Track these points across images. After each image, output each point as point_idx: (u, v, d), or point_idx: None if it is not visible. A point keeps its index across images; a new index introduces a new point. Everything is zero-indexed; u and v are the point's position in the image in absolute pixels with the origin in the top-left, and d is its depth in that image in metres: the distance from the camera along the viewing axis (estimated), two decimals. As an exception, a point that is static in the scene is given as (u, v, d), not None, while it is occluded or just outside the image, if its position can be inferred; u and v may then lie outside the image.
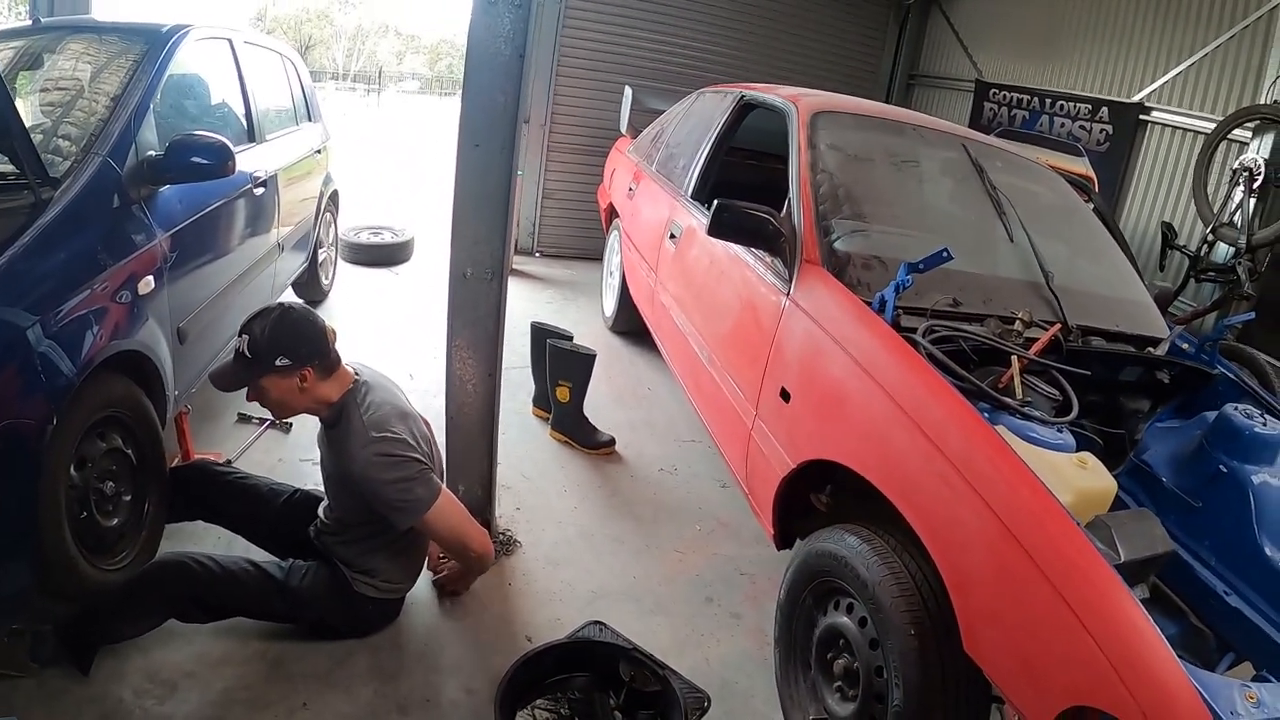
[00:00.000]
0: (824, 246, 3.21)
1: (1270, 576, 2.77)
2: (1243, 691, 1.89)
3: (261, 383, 2.70)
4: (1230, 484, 2.93)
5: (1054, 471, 2.38)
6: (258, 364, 2.67)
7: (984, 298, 3.18)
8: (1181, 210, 6.49)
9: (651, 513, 4.19)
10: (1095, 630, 1.92)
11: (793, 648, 2.98)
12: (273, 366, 2.67)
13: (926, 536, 2.38)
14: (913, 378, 2.58)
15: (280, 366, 2.67)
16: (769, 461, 3.19)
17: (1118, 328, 3.46)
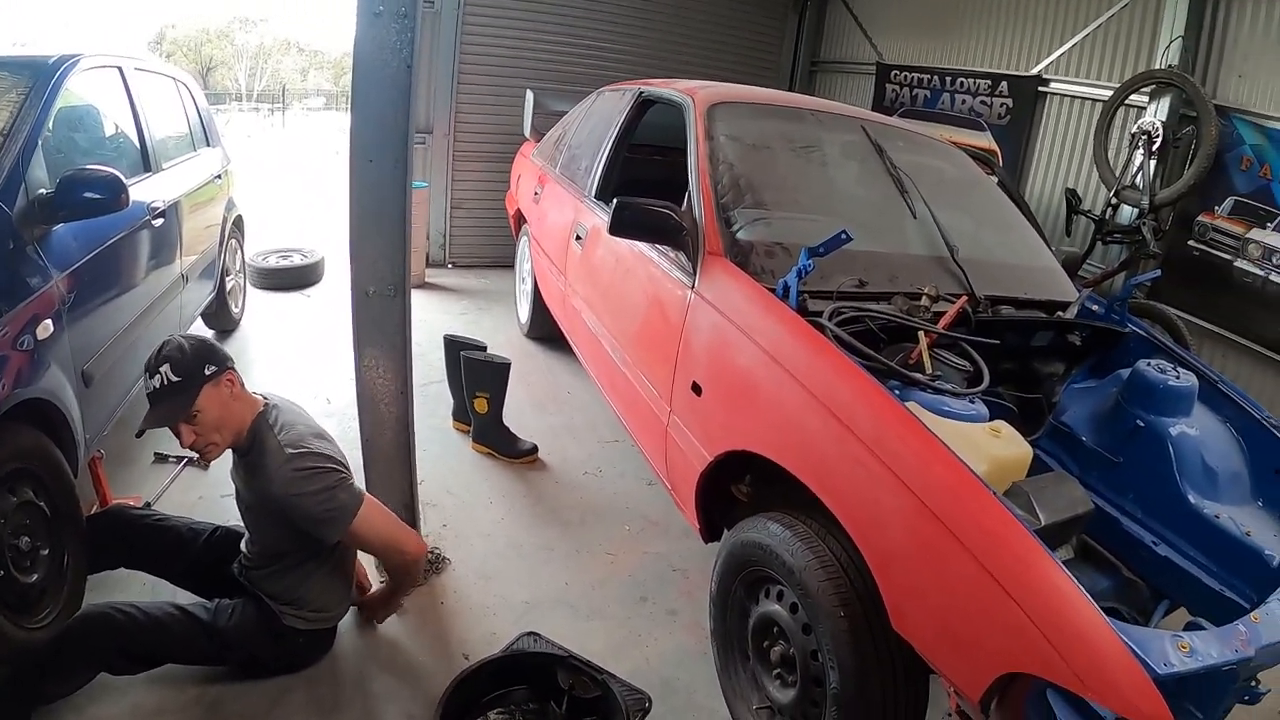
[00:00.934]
0: (726, 237, 3.20)
1: (1195, 523, 2.85)
2: (1175, 642, 1.90)
3: (199, 401, 2.59)
4: (1148, 438, 3.00)
5: (968, 442, 2.39)
6: (189, 381, 2.57)
7: (890, 276, 3.19)
8: (1085, 176, 6.60)
9: (579, 517, 4.18)
10: (1020, 597, 1.93)
11: (729, 639, 3.00)
12: (204, 376, 2.59)
13: (845, 519, 2.39)
14: (819, 361, 2.58)
15: (211, 374, 2.61)
16: (687, 456, 3.18)
17: (1026, 295, 3.51)
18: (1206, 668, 1.90)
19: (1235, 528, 2.79)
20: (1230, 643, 1.99)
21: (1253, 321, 5.49)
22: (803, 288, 2.88)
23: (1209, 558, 2.83)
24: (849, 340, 2.63)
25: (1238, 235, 5.55)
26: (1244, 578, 2.72)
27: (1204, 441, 3.02)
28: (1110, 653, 1.82)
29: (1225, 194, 5.63)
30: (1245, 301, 5.51)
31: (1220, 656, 1.94)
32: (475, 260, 8.42)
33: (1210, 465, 2.97)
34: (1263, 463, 3.08)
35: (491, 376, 4.50)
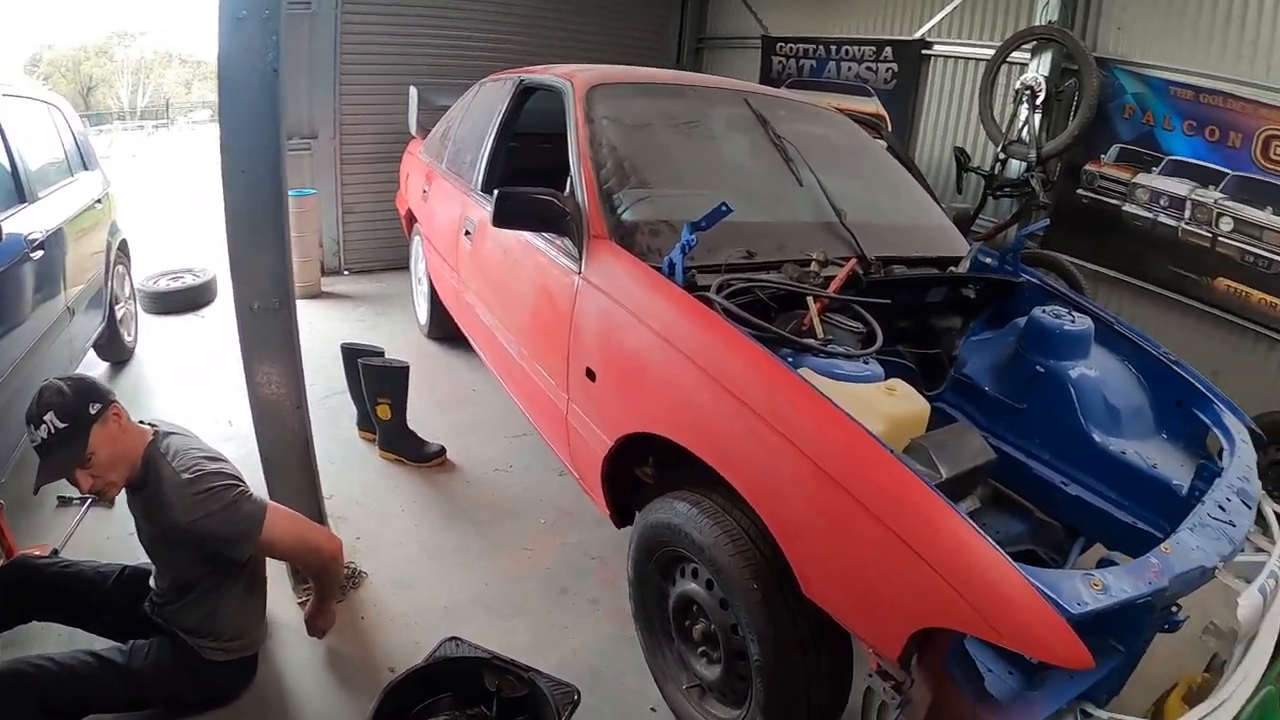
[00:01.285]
0: (610, 219, 3.15)
1: (1102, 460, 2.92)
2: (1087, 581, 1.89)
3: (91, 443, 2.47)
4: (1049, 382, 3.06)
5: (863, 403, 2.37)
6: (76, 425, 2.45)
7: (778, 245, 3.16)
8: (972, 134, 6.71)
9: (492, 515, 4.11)
10: (926, 553, 1.92)
11: (652, 622, 2.99)
12: (91, 416, 2.47)
13: (747, 491, 2.36)
14: (708, 336, 2.55)
15: (97, 413, 2.49)
16: (588, 444, 3.14)
17: (918, 253, 3.52)
18: (1121, 603, 1.90)
19: (1142, 461, 2.85)
20: (1143, 575, 2.00)
21: (1144, 262, 5.69)
22: (689, 263, 2.84)
23: (1119, 493, 2.89)
24: (737, 312, 2.59)
25: (1125, 181, 5.72)
26: (1155, 509, 2.79)
27: (1104, 381, 3.08)
28: (1022, 599, 1.82)
29: (1110, 142, 5.78)
30: (1136, 244, 5.70)
31: (1134, 590, 1.94)
32: (371, 264, 8.23)
33: (1112, 404, 3.03)
34: (1164, 397, 3.15)
35: (391, 381, 4.39)
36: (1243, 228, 5.18)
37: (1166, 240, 5.53)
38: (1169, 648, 3.03)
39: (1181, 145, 5.43)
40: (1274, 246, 5.05)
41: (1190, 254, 5.43)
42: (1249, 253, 5.16)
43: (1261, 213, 5.05)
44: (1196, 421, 3.05)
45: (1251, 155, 5.07)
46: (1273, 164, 4.98)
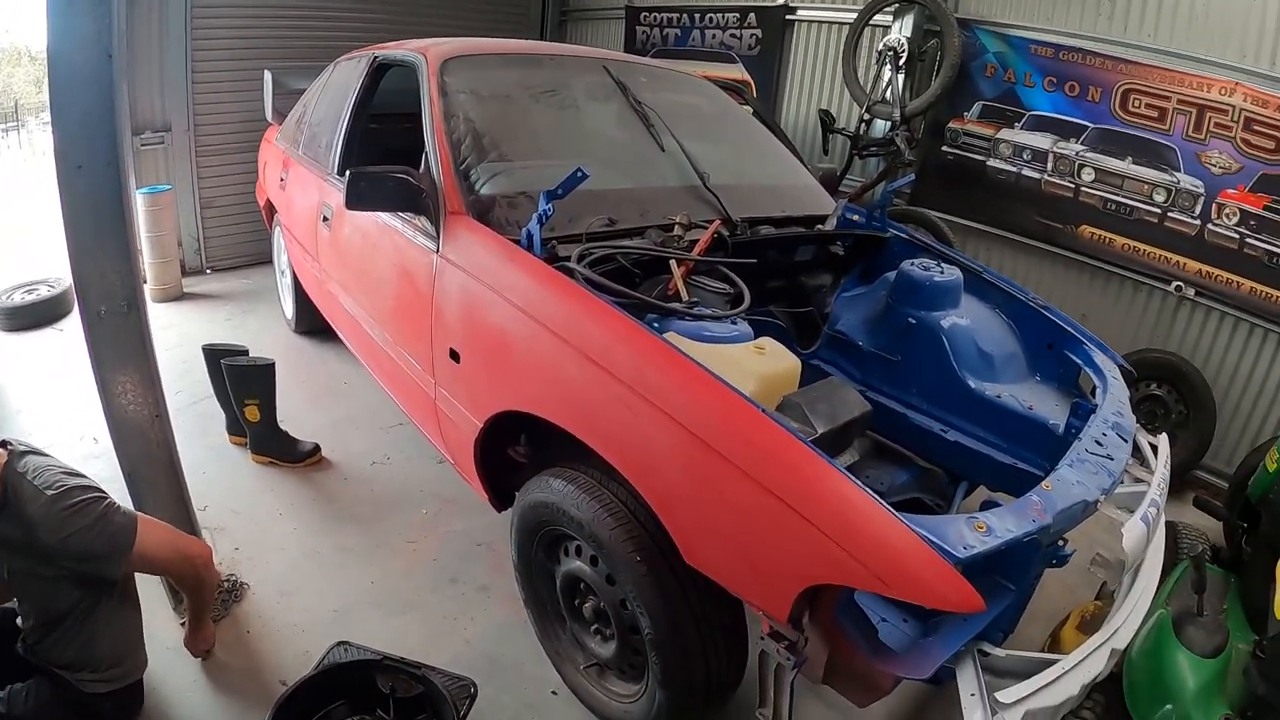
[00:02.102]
0: (466, 194, 3.05)
1: (978, 405, 2.98)
2: (971, 524, 1.89)
3: None
4: (922, 333, 3.10)
5: (732, 363, 2.33)
6: None
7: (641, 211, 3.10)
8: (837, 96, 6.72)
9: (373, 510, 3.97)
10: (805, 510, 1.89)
11: (542, 604, 2.95)
12: None
13: (619, 462, 2.31)
14: (568, 306, 2.47)
15: None
16: (459, 427, 3.05)
17: (784, 212, 3.50)
18: (1006, 543, 1.90)
19: (1018, 404, 2.91)
20: (1026, 514, 2.01)
21: (1010, 214, 5.79)
22: (550, 234, 2.76)
23: (997, 435, 2.96)
24: (599, 280, 2.52)
25: (988, 137, 5.82)
26: (1034, 449, 2.87)
27: (976, 329, 3.12)
28: (906, 548, 1.80)
29: (973, 100, 5.87)
30: (1002, 197, 5.80)
31: (1019, 529, 1.95)
32: (235, 261, 7.79)
33: (985, 350, 3.08)
34: (1035, 341, 3.22)
35: (256, 381, 4.19)
36: (1104, 177, 5.34)
37: (1031, 192, 5.67)
38: (1060, 581, 3.10)
39: (1043, 101, 5.55)
40: (1134, 194, 5.22)
41: (1055, 204, 5.56)
42: (1111, 201, 5.30)
43: (1121, 162, 5.21)
44: (1068, 363, 3.12)
45: (1111, 109, 5.22)
46: (1131, 116, 5.14)
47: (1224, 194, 4.86)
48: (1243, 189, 4.79)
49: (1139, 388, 5.00)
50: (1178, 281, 5.10)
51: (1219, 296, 4.98)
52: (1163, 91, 4.99)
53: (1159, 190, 5.11)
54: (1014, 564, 2.27)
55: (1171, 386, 5.02)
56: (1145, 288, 5.29)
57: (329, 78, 5.15)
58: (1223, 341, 5.06)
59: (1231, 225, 4.85)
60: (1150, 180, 5.14)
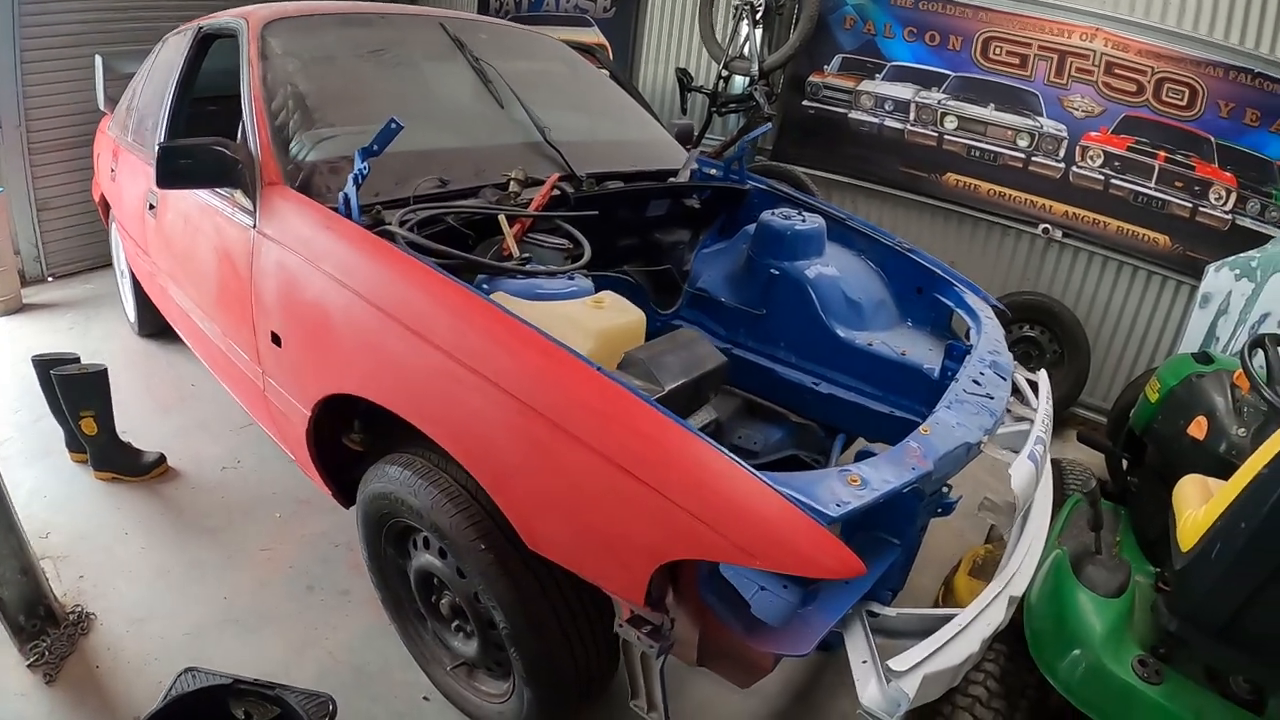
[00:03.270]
0: (284, 163, 2.72)
1: (849, 355, 2.90)
2: (843, 478, 1.71)
3: None
4: (786, 284, 2.96)
5: (568, 322, 2.13)
6: None
7: (476, 170, 2.83)
8: (695, 55, 6.58)
9: (225, 519, 3.64)
10: (651, 478, 1.66)
11: (401, 604, 2.73)
12: None
13: (445, 439, 2.07)
14: (386, 272, 2.20)
15: None
16: (289, 418, 2.75)
17: (635, 167, 3.27)
18: (885, 495, 1.71)
19: (890, 351, 2.80)
20: (904, 462, 1.84)
21: (874, 165, 5.85)
22: (375, 199, 2.48)
23: (871, 384, 2.87)
24: (421, 242, 2.25)
25: (849, 90, 5.78)
26: (910, 395, 2.78)
27: (842, 277, 2.99)
28: (770, 512, 1.59)
29: (833, 53, 5.81)
30: (865, 148, 5.80)
31: (897, 479, 1.77)
32: (78, 265, 7.15)
33: (853, 298, 2.96)
34: (904, 286, 3.11)
35: (89, 390, 3.78)
36: (967, 125, 5.38)
37: (894, 143, 5.65)
38: (947, 526, 2.97)
39: (903, 51, 5.54)
40: (998, 140, 5.30)
41: (919, 154, 5.59)
42: (975, 148, 5.39)
43: (984, 109, 5.27)
44: (940, 306, 3.03)
45: (972, 56, 5.25)
46: (993, 63, 5.19)
47: (1087, 137, 5.04)
48: (1105, 131, 4.97)
49: (1012, 330, 5.02)
50: (1045, 224, 5.18)
51: (1086, 237, 5.10)
52: (1023, 38, 5.06)
53: (1023, 135, 5.21)
54: (896, 517, 2.14)
55: (1044, 327, 5.08)
56: (1013, 232, 5.34)
57: (157, 56, 4.76)
58: (1092, 280, 5.16)
59: (1096, 167, 5.00)
60: (1014, 126, 5.22)
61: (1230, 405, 2.95)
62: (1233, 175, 4.64)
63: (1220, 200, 4.68)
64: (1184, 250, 4.82)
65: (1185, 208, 4.78)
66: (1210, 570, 1.99)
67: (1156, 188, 4.84)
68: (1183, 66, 4.65)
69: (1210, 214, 4.72)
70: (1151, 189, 4.86)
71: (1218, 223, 4.71)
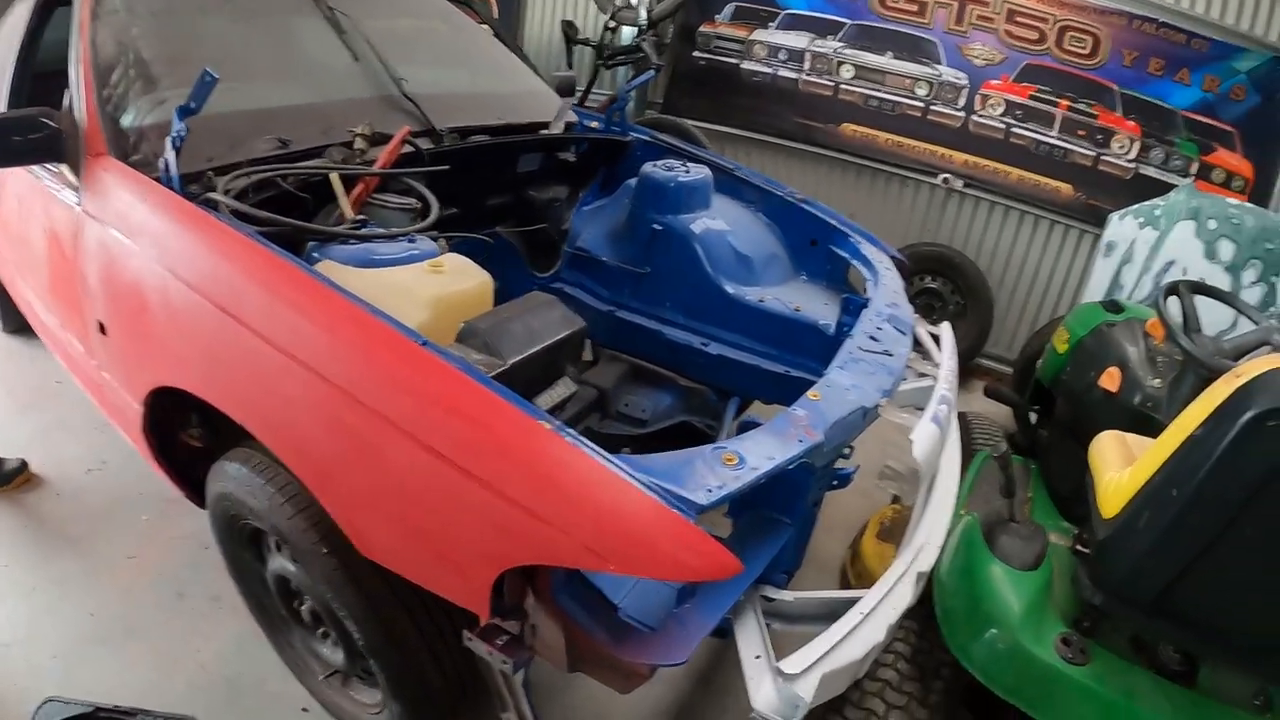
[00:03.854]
0: (110, 130, 2.36)
1: (739, 312, 2.73)
2: (717, 458, 1.48)
3: None
4: (669, 239, 2.81)
5: (399, 291, 1.88)
6: None
7: (324, 128, 2.52)
8: (583, 8, 6.35)
9: (89, 527, 3.29)
10: (486, 471, 1.42)
11: (266, 610, 2.45)
12: None
13: (263, 432, 1.81)
14: (201, 245, 1.91)
15: None
16: (125, 414, 2.44)
17: (502, 119, 3.00)
18: (766, 474, 1.50)
19: (783, 306, 2.69)
20: (789, 434, 1.64)
21: (767, 117, 5.65)
22: (206, 165, 2.16)
23: (765, 343, 2.71)
24: (246, 210, 1.97)
25: (741, 39, 5.59)
26: (806, 353, 2.62)
27: (731, 231, 2.82)
28: (624, 505, 1.36)
29: (725, 2, 5.62)
30: (758, 99, 5.64)
31: (782, 454, 1.57)
32: None
33: (742, 252, 2.80)
34: (797, 239, 2.96)
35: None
36: (864, 74, 5.24)
37: (788, 93, 5.48)
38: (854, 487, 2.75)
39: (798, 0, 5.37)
40: (896, 89, 5.17)
41: (814, 104, 5.45)
42: (872, 97, 5.27)
43: (881, 58, 5.18)
44: (836, 259, 2.89)
45: (869, 4, 5.13)
46: (890, 11, 5.07)
47: (988, 85, 4.95)
48: (1007, 79, 4.90)
49: (913, 282, 4.90)
50: (945, 174, 5.09)
51: (987, 186, 5.08)
52: (922, -15, 4.95)
53: (921, 84, 5.10)
54: (785, 494, 1.90)
55: (946, 278, 4.98)
56: (912, 182, 5.25)
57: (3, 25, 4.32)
58: (994, 230, 5.09)
59: (997, 116, 4.97)
60: (912, 74, 5.11)
61: (1144, 355, 2.81)
62: (1136, 124, 4.61)
63: (1124, 149, 4.65)
64: (1086, 199, 4.78)
65: (1088, 157, 4.74)
66: (1138, 541, 1.81)
67: (1059, 136, 4.79)
68: (1086, 15, 4.60)
69: (1113, 163, 4.69)
70: (1054, 138, 4.81)
71: (1121, 171, 4.68)
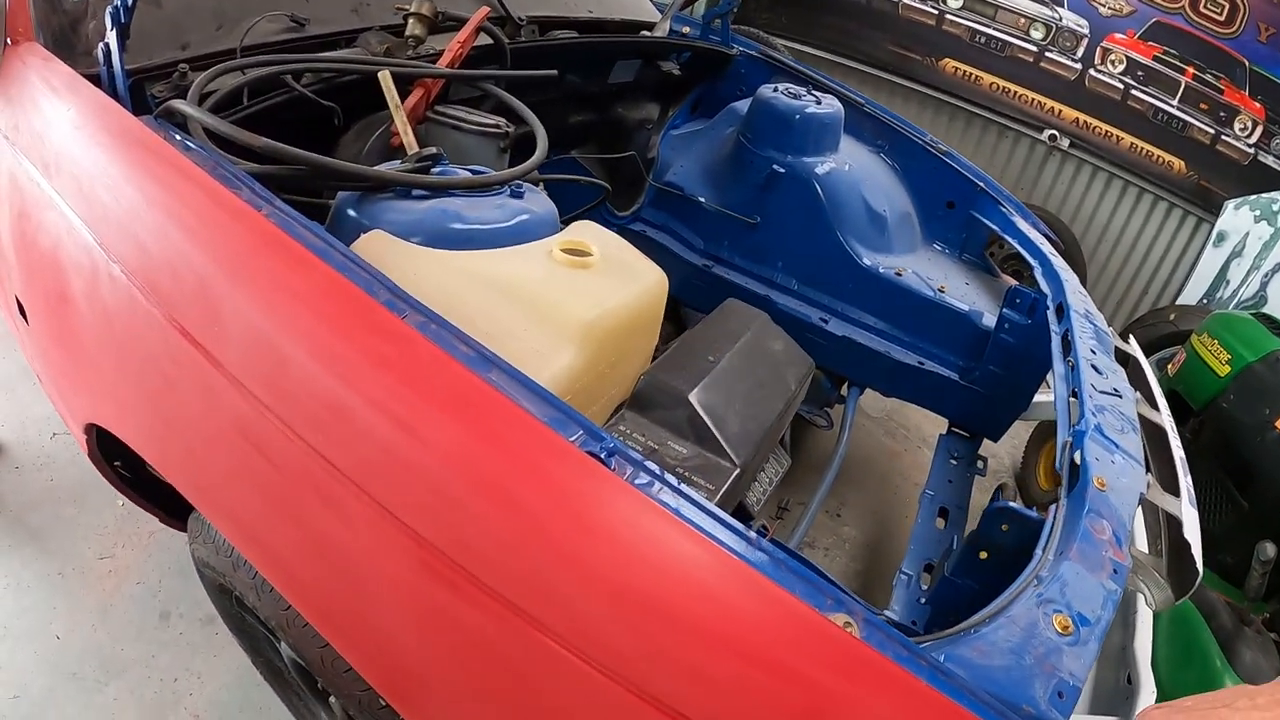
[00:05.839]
0: (41, 12, 1.60)
1: (868, 283, 2.23)
2: (1048, 620, 0.94)
3: None
4: (790, 185, 2.23)
5: (516, 299, 1.20)
6: None
7: (355, 4, 1.83)
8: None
9: (54, 513, 2.57)
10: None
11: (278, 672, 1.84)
12: None
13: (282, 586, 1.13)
14: (142, 196, 1.22)
15: None
16: (71, 428, 1.72)
17: (591, 13, 2.39)
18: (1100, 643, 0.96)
19: (924, 285, 2.18)
20: (1099, 558, 1.07)
21: (858, 40, 5.07)
22: (181, 55, 1.51)
23: (898, 326, 2.22)
24: (230, 133, 1.28)
25: None
26: (945, 345, 2.19)
27: (863, 180, 2.28)
28: None
29: None
30: (848, 19, 5.06)
31: (1106, 601, 1.01)
32: None
33: (876, 210, 2.27)
34: (930, 197, 2.43)
35: None
36: (974, 4, 4.67)
37: (885, 16, 4.90)
38: None
39: None
40: (1008, 27, 4.61)
41: (913, 32, 4.87)
42: (980, 33, 4.71)
43: None
44: (976, 227, 2.39)
45: None
46: None
47: (1111, 38, 4.40)
48: (1132, 34, 4.36)
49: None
50: (1051, 130, 4.59)
51: (1095, 149, 4.54)
52: (1057, -91, 4.40)
53: (1038, 26, 4.54)
54: None
55: None
56: (1012, 134, 4.78)
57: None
58: (1093, 197, 4.63)
59: (1116, 73, 4.42)
60: (1028, 13, 4.54)
61: None
62: (1262, 106, 4.10)
63: (1245, 131, 4.15)
64: (1199, 179, 4.29)
65: (1207, 133, 4.23)
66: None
67: (1179, 106, 4.27)
68: None
69: (1232, 144, 4.18)
70: (1174, 107, 4.28)
71: (1238, 155, 4.18)
